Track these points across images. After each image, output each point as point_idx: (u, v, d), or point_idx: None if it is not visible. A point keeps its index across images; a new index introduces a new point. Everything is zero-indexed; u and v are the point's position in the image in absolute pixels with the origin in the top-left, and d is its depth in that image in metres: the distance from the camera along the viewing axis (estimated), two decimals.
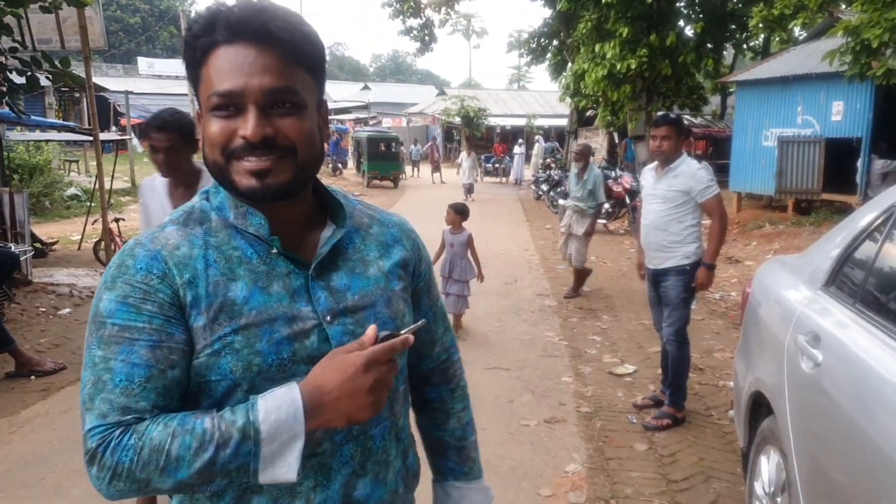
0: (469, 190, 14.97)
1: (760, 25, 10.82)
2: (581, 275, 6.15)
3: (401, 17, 20.25)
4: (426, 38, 21.21)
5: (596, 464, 2.90)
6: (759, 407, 2.13)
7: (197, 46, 0.77)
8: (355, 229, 0.89)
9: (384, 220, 0.94)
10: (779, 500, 1.91)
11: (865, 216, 1.86)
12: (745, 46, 15.16)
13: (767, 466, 2.02)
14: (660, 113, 3.78)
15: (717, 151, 16.00)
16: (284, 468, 0.72)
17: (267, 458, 0.71)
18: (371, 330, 0.76)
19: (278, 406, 0.72)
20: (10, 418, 3.36)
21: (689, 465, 2.87)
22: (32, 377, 3.89)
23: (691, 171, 3.15)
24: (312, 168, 0.82)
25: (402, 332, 0.78)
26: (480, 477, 1.04)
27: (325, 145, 0.86)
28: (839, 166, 9.29)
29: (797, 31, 11.38)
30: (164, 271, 0.76)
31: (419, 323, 0.83)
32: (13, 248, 5.55)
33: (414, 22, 20.67)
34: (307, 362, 0.77)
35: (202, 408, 0.77)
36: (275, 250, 0.80)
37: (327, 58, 0.86)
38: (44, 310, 5.44)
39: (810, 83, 9.67)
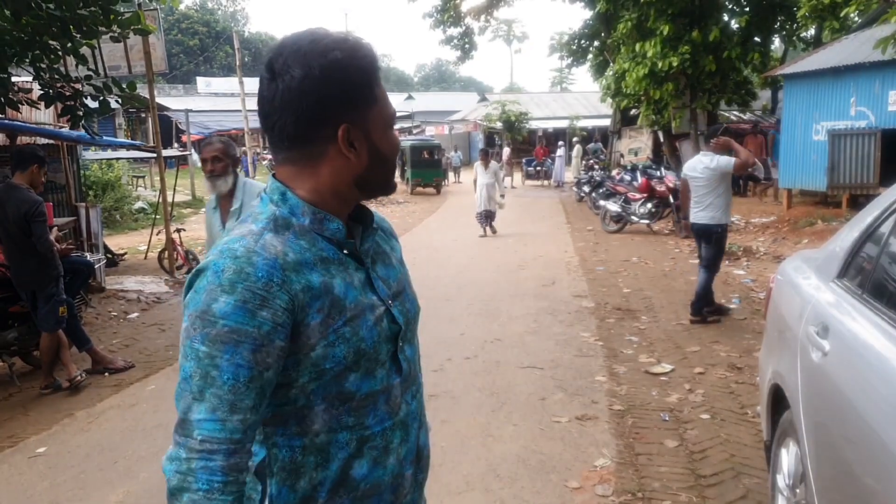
0: (487, 217, 9.70)
1: (809, 15, 10.37)
2: None
3: (441, 26, 20.55)
4: (466, 46, 21.41)
5: (625, 459, 2.93)
6: (781, 399, 2.11)
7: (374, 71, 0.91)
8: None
9: (378, 216, 1.06)
10: (797, 491, 1.92)
11: (877, 208, 1.86)
12: (794, 38, 14.51)
13: (787, 459, 2.02)
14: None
15: (767, 146, 15.42)
16: None
17: None
18: None
19: None
20: (88, 410, 3.76)
21: (720, 462, 2.88)
22: (106, 374, 4.30)
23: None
24: None
25: None
26: None
27: None
28: None
29: (853, 17, 10.81)
30: (283, 279, 0.81)
31: None
32: (89, 257, 6.12)
33: (454, 31, 20.91)
34: (387, 341, 0.93)
35: (310, 391, 0.86)
36: (345, 251, 0.91)
37: None
38: (115, 314, 5.97)
39: (864, 73, 9.24)
